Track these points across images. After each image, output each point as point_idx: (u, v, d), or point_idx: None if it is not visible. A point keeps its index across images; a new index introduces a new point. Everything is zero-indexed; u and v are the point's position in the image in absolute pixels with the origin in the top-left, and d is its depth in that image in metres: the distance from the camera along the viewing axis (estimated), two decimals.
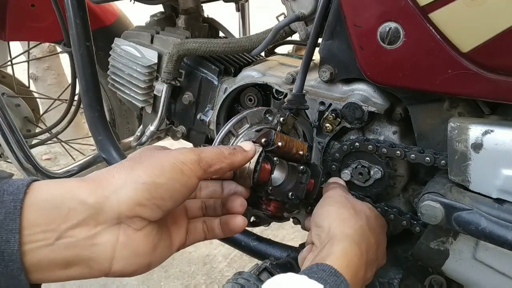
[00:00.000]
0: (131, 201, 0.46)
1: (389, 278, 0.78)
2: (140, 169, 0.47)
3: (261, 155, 0.63)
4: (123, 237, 0.47)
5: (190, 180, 0.50)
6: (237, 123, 0.73)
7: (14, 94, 1.56)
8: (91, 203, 0.45)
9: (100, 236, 0.46)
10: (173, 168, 0.48)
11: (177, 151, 0.51)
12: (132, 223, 0.47)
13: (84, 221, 0.45)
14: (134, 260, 0.48)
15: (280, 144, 0.66)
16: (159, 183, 0.47)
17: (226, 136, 0.72)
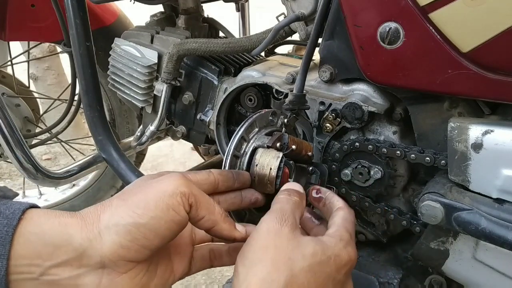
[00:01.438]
0: (113, 245, 0.45)
1: (389, 278, 0.78)
2: (122, 209, 0.46)
3: (282, 161, 0.62)
4: (106, 280, 0.46)
5: (177, 216, 0.47)
6: (248, 128, 0.70)
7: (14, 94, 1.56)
8: (75, 245, 0.44)
9: (83, 277, 0.45)
10: (157, 205, 0.46)
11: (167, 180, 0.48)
12: (116, 266, 0.46)
13: (68, 261, 0.44)
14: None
15: (294, 147, 0.66)
16: (142, 223, 0.45)
17: (239, 143, 0.69)
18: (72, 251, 0.44)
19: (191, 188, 0.48)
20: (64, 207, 1.71)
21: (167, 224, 0.46)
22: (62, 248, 0.44)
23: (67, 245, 0.44)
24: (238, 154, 0.67)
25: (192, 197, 0.48)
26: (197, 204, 0.49)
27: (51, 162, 2.50)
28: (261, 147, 0.66)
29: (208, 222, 0.50)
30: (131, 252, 0.46)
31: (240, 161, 0.67)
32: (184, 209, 0.47)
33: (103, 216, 0.46)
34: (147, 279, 0.49)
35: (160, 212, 0.46)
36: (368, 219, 0.83)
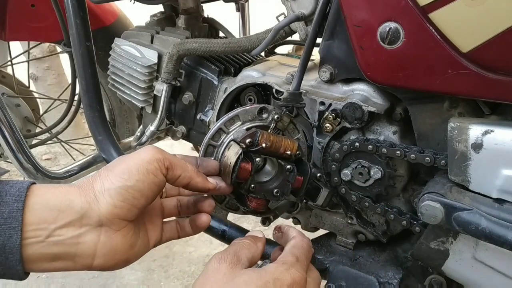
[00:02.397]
0: (109, 205, 0.53)
1: (389, 278, 0.78)
2: (111, 176, 0.54)
3: (239, 157, 0.67)
4: (104, 237, 0.54)
5: (156, 178, 0.56)
6: (228, 121, 0.77)
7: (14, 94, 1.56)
8: (77, 208, 0.52)
9: (84, 236, 0.53)
10: (139, 170, 0.54)
11: (143, 152, 0.57)
12: (112, 224, 0.54)
13: (71, 222, 0.52)
14: (113, 257, 0.55)
15: (264, 145, 0.68)
16: (129, 185, 0.53)
17: (216, 133, 0.77)
18: (74, 213, 0.52)
19: (164, 154, 0.57)
20: None
21: (149, 186, 0.55)
22: (65, 212, 0.52)
23: (69, 209, 0.52)
24: (215, 144, 0.75)
25: (167, 161, 0.57)
26: (172, 166, 0.57)
27: (51, 162, 2.50)
28: (235, 141, 0.70)
29: (185, 179, 0.59)
30: (124, 211, 0.54)
31: (217, 150, 0.75)
32: (161, 172, 0.56)
33: (95, 185, 0.54)
34: (135, 238, 0.58)
35: (142, 176, 0.54)
36: (368, 219, 0.83)
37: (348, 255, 0.85)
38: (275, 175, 0.73)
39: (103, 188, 0.54)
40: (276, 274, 0.54)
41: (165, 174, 0.57)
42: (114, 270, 0.57)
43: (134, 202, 0.54)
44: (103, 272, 1.60)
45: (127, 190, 0.53)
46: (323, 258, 0.84)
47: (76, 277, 1.59)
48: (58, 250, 0.52)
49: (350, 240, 0.86)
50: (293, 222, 0.93)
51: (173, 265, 1.64)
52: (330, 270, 0.82)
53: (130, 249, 0.57)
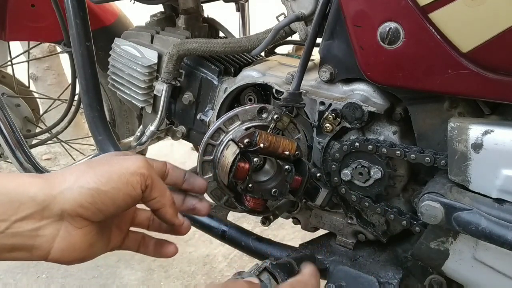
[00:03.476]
0: (74, 202, 0.51)
1: (389, 278, 0.78)
2: (89, 175, 0.52)
3: (237, 157, 0.68)
4: (64, 232, 0.53)
5: (134, 191, 0.54)
6: (227, 120, 0.77)
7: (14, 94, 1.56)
8: (39, 200, 0.51)
9: (43, 229, 0.52)
10: (120, 178, 0.53)
11: (131, 161, 0.55)
12: (73, 221, 0.53)
13: (31, 215, 0.51)
14: (70, 253, 0.54)
15: (262, 145, 0.68)
16: (103, 190, 0.52)
17: (216, 132, 0.77)
18: (36, 205, 0.51)
19: (150, 171, 0.56)
20: None
21: (124, 196, 0.53)
22: (27, 203, 0.50)
23: (32, 201, 0.50)
24: (214, 143, 0.76)
25: (149, 180, 0.55)
26: (152, 186, 0.56)
27: (51, 162, 2.50)
28: (233, 140, 0.71)
29: (158, 204, 0.58)
30: (88, 213, 0.52)
31: (216, 149, 0.76)
32: (140, 187, 0.55)
33: (69, 177, 0.52)
34: (96, 239, 0.56)
35: (121, 185, 0.53)
36: (368, 219, 0.83)
37: (348, 255, 0.85)
38: (273, 175, 0.73)
39: (75, 184, 0.52)
40: None
41: (143, 190, 0.55)
42: (68, 265, 0.57)
43: (102, 208, 0.53)
44: (103, 272, 1.60)
45: (99, 194, 0.52)
46: (323, 258, 0.84)
47: (76, 277, 1.59)
48: (17, 241, 0.51)
49: (350, 240, 0.86)
50: (293, 222, 0.93)
51: (173, 265, 1.64)
52: (330, 270, 0.82)
53: (88, 248, 0.56)
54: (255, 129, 0.73)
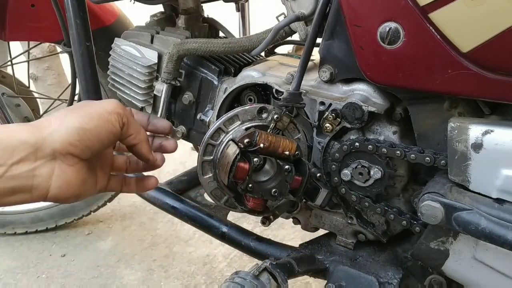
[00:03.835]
0: (64, 141, 0.56)
1: (389, 278, 0.78)
2: (73, 117, 0.58)
3: (237, 157, 0.68)
4: (58, 170, 0.57)
5: (114, 128, 0.60)
6: (227, 120, 0.77)
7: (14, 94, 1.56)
8: (31, 143, 0.55)
9: (39, 169, 0.56)
10: (100, 117, 0.58)
11: (107, 102, 0.61)
12: (65, 159, 0.57)
13: (26, 157, 0.55)
14: (66, 190, 0.59)
15: (262, 145, 0.68)
16: (88, 128, 0.57)
17: (216, 132, 0.77)
18: (29, 148, 0.55)
19: (125, 111, 0.62)
20: (64, 207, 1.71)
21: (106, 133, 0.59)
22: (20, 147, 0.55)
23: (24, 144, 0.55)
24: (214, 143, 0.76)
25: (125, 118, 0.61)
26: (128, 124, 0.62)
27: None
28: (233, 140, 0.71)
29: (134, 140, 0.64)
30: (77, 150, 0.57)
31: (216, 149, 0.76)
32: (118, 125, 0.60)
33: (54, 121, 0.57)
34: (87, 176, 0.61)
35: (102, 123, 0.58)
36: (368, 219, 0.83)
37: (348, 255, 0.85)
38: (273, 175, 0.73)
39: (62, 125, 0.56)
40: None
41: (121, 127, 0.61)
42: (66, 203, 0.62)
43: (89, 144, 0.58)
44: (103, 272, 1.60)
45: (85, 132, 0.57)
46: (323, 258, 0.84)
47: (76, 277, 1.59)
48: (16, 184, 0.55)
49: (350, 240, 0.86)
50: (293, 222, 0.93)
51: (173, 265, 1.64)
52: (330, 270, 0.82)
53: (82, 184, 0.60)
54: (255, 129, 0.73)
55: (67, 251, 1.72)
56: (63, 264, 1.65)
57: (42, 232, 1.78)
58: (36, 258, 1.69)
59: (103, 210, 1.76)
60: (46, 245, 1.75)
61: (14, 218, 1.74)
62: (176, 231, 1.81)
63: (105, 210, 1.85)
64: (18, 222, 1.74)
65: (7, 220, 1.74)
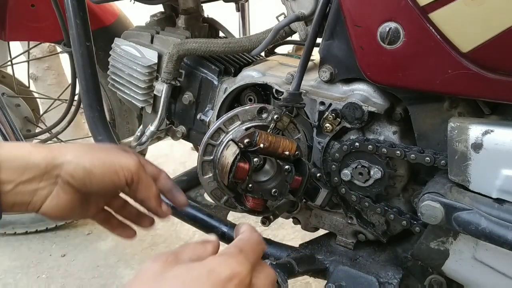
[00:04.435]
0: (69, 173, 0.61)
1: (389, 278, 0.78)
2: (87, 157, 0.62)
3: (237, 157, 0.68)
4: (55, 193, 0.62)
5: (119, 181, 0.63)
6: (227, 120, 0.77)
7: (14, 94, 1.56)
8: (41, 167, 0.60)
9: (41, 190, 0.61)
10: (110, 166, 0.62)
11: (125, 156, 0.64)
12: (64, 187, 0.62)
13: (33, 178, 0.60)
14: (55, 211, 0.64)
15: (262, 145, 0.68)
16: (93, 172, 0.61)
17: (216, 132, 0.77)
18: (38, 171, 0.60)
19: (138, 170, 0.64)
20: None
21: (109, 181, 0.63)
22: (32, 169, 0.60)
23: (35, 167, 0.60)
24: (214, 143, 0.76)
25: (136, 176, 0.64)
26: (139, 182, 0.65)
27: None
28: (233, 140, 0.71)
29: (143, 195, 0.67)
30: (76, 183, 0.62)
31: (216, 150, 0.76)
32: (125, 180, 0.63)
33: (69, 154, 0.62)
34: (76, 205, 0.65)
35: (109, 173, 0.62)
36: (368, 219, 0.83)
37: (348, 255, 0.85)
38: (273, 175, 0.73)
39: (74, 160, 0.61)
40: (212, 266, 0.46)
41: (129, 183, 0.64)
42: (50, 219, 0.68)
43: (88, 184, 0.62)
44: (103, 272, 1.60)
45: (89, 173, 0.61)
46: (323, 258, 0.84)
47: (76, 277, 1.59)
48: (18, 199, 0.60)
49: (350, 240, 0.86)
50: (293, 222, 0.93)
51: None
52: (330, 270, 0.82)
53: (70, 210, 0.65)
54: (255, 129, 0.73)
55: (67, 251, 1.72)
56: (63, 264, 1.65)
57: (42, 232, 1.78)
58: (36, 258, 1.69)
59: None
60: (46, 245, 1.75)
61: (14, 218, 1.74)
62: (176, 231, 1.81)
63: None
64: (18, 222, 1.74)
65: (7, 220, 1.74)
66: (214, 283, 0.44)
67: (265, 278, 0.50)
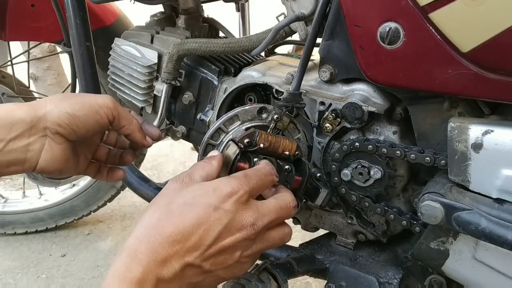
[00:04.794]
0: (55, 122, 0.64)
1: (389, 278, 0.78)
2: (66, 103, 0.65)
3: (236, 158, 0.68)
4: (47, 146, 0.66)
5: (101, 120, 0.67)
6: (227, 120, 0.77)
7: (14, 94, 1.56)
8: (27, 121, 0.63)
9: (32, 144, 0.64)
10: (90, 107, 0.66)
11: (100, 97, 0.69)
12: (54, 138, 0.66)
13: (22, 134, 0.63)
14: (52, 164, 0.67)
15: (262, 145, 0.68)
16: (77, 115, 0.65)
17: (216, 132, 0.77)
18: (25, 125, 0.63)
19: (116, 105, 0.69)
20: (64, 207, 1.71)
21: (93, 122, 0.67)
22: (18, 124, 0.63)
23: (21, 121, 0.63)
24: (214, 143, 0.77)
25: (115, 111, 0.68)
26: (119, 116, 0.69)
27: None
28: (233, 140, 0.70)
29: (127, 130, 0.71)
30: (65, 131, 0.65)
31: (216, 149, 0.76)
32: (107, 117, 0.68)
33: (50, 103, 0.65)
34: (70, 156, 0.69)
35: (91, 113, 0.66)
36: (368, 219, 0.83)
37: (348, 255, 0.85)
38: None
39: (55, 108, 0.64)
40: (217, 184, 0.58)
41: (111, 120, 0.68)
42: (49, 174, 0.71)
43: (76, 129, 0.66)
44: (103, 272, 1.60)
45: (74, 118, 0.65)
46: (323, 258, 0.84)
47: (76, 277, 1.59)
48: (12, 157, 0.63)
49: (350, 240, 0.86)
50: (293, 222, 0.93)
51: None
52: (330, 270, 0.82)
53: (65, 162, 0.69)
54: (255, 129, 0.73)
55: (67, 251, 1.72)
56: (63, 264, 1.65)
57: (42, 232, 1.78)
58: (36, 258, 1.69)
59: (103, 210, 1.76)
60: (46, 245, 1.75)
61: (14, 218, 1.74)
62: None
63: (105, 210, 1.85)
64: (18, 222, 1.74)
65: (7, 220, 1.74)
66: (217, 196, 0.56)
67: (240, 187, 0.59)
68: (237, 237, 0.57)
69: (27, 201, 1.75)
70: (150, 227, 0.55)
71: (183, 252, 0.54)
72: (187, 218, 0.55)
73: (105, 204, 1.70)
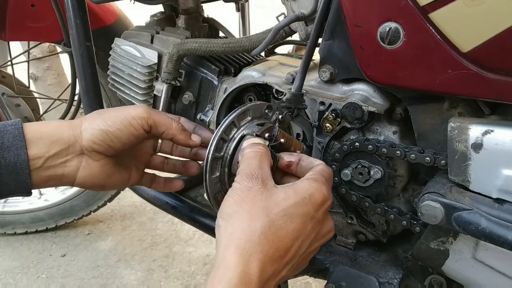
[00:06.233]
0: (89, 141, 0.67)
1: (389, 278, 0.78)
2: (99, 119, 0.68)
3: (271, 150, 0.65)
4: (85, 164, 0.69)
5: (136, 131, 0.68)
6: (240, 115, 0.72)
7: (14, 94, 1.56)
8: (65, 140, 0.67)
9: (70, 161, 0.68)
10: (122, 121, 0.67)
11: (133, 108, 0.69)
12: (91, 155, 0.68)
13: (60, 151, 0.67)
14: (90, 180, 0.70)
15: (282, 140, 0.67)
16: (110, 130, 0.67)
17: (229, 127, 0.71)
18: (63, 144, 0.67)
19: (150, 114, 0.69)
20: (64, 207, 1.71)
21: (127, 135, 0.68)
22: (57, 143, 0.66)
23: (59, 140, 0.66)
24: (226, 138, 0.70)
25: (150, 120, 0.69)
26: (155, 124, 0.69)
27: None
28: (250, 135, 0.67)
29: (168, 135, 0.71)
30: (101, 148, 0.68)
31: (227, 145, 0.70)
32: (142, 128, 0.68)
33: (84, 123, 0.68)
34: (112, 171, 0.72)
35: (123, 127, 0.67)
36: (368, 219, 0.83)
37: (348, 255, 0.85)
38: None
39: (89, 126, 0.67)
40: (311, 191, 0.58)
41: (147, 130, 0.69)
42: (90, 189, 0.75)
43: (111, 144, 0.67)
44: (103, 272, 1.60)
45: (107, 133, 0.67)
46: (323, 258, 0.84)
47: (76, 277, 1.59)
48: (51, 173, 0.67)
49: (350, 240, 0.86)
50: None
51: (173, 265, 1.64)
52: (330, 270, 0.82)
53: (106, 178, 0.71)
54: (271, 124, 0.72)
55: (67, 251, 1.72)
56: (63, 264, 1.66)
57: (42, 232, 1.79)
58: (36, 258, 1.69)
59: (103, 210, 1.76)
60: (46, 245, 1.75)
61: (14, 218, 1.74)
62: (176, 231, 1.81)
63: (105, 210, 1.85)
64: (18, 222, 1.75)
65: (7, 220, 1.74)
66: (313, 205, 0.57)
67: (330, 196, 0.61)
68: (322, 242, 0.60)
69: (27, 201, 1.75)
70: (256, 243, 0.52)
71: (281, 268, 0.55)
72: (289, 231, 0.54)
73: (105, 204, 1.70)
